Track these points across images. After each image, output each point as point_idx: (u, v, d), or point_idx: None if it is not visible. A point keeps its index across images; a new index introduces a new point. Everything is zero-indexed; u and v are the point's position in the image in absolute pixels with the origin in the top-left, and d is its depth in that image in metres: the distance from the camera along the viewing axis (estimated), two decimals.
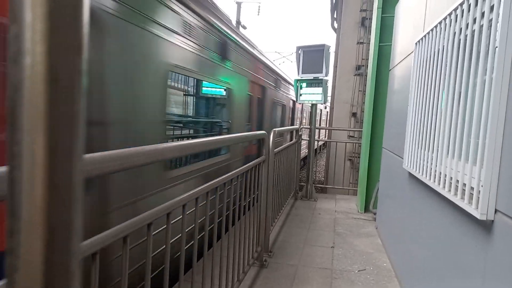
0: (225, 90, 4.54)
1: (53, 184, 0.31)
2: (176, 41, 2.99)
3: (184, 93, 3.53)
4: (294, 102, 10.56)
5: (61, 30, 0.30)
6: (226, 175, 2.25)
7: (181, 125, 3.53)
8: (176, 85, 3.25)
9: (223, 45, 4.28)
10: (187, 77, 3.45)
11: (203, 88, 4.04)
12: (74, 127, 0.31)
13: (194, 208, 1.80)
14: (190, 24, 3.25)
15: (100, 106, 2.17)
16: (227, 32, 4.34)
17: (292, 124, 10.71)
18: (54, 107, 0.30)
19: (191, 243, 1.91)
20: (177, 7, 2.98)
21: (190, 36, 3.26)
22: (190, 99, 3.70)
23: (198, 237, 1.89)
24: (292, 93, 9.86)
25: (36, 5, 0.29)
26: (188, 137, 3.73)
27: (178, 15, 3.01)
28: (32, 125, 0.29)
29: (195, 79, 3.65)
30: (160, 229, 1.92)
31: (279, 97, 8.15)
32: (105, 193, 2.26)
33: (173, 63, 2.96)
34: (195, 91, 3.78)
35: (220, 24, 4.09)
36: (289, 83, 9.46)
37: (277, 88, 7.97)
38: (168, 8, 2.84)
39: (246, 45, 5.27)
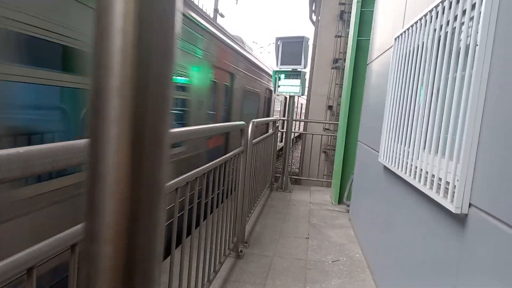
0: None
1: (138, 182, 0.27)
2: None
3: None
4: (271, 91, 10.52)
5: (154, 7, 0.26)
6: (206, 165, 2.22)
7: None
8: None
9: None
10: None
11: None
12: (163, 119, 0.28)
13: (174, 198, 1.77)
14: None
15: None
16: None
17: (268, 115, 10.68)
18: (144, 94, 0.27)
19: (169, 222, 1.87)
20: None
21: None
22: None
23: (176, 226, 1.85)
24: (267, 82, 9.82)
25: (128, 14, 0.25)
26: None
27: None
28: (119, 114, 0.26)
29: None
30: None
31: (252, 86, 8.08)
32: None
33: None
34: None
35: None
36: (265, 72, 9.40)
37: (250, 76, 7.90)
38: None
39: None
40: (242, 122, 3.13)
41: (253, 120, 3.51)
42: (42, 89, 2.08)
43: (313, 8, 11.19)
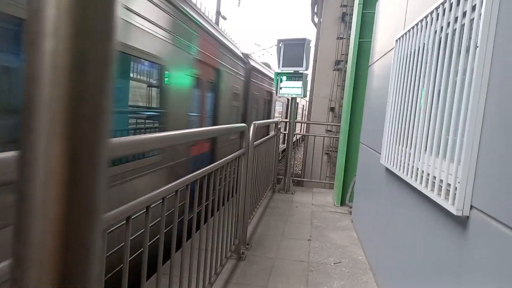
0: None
1: (71, 201, 0.26)
2: None
3: None
4: (271, 94, 10.48)
5: (90, 9, 0.25)
6: (206, 168, 2.22)
7: None
8: None
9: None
10: None
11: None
12: (100, 130, 0.26)
13: (174, 201, 1.77)
14: None
15: None
16: None
17: (268, 118, 10.63)
18: (79, 104, 0.25)
19: (167, 230, 1.88)
20: None
21: None
22: None
23: (176, 230, 1.86)
24: (267, 84, 9.81)
25: (62, 14, 0.24)
26: None
27: None
28: (50, 126, 0.24)
29: None
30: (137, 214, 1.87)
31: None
32: None
33: None
34: None
35: None
36: (264, 74, 9.39)
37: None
38: None
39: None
40: (243, 124, 3.14)
41: (254, 122, 3.52)
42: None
43: (315, 10, 11.20)
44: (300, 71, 5.94)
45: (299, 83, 5.98)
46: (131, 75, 3.18)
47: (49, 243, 0.25)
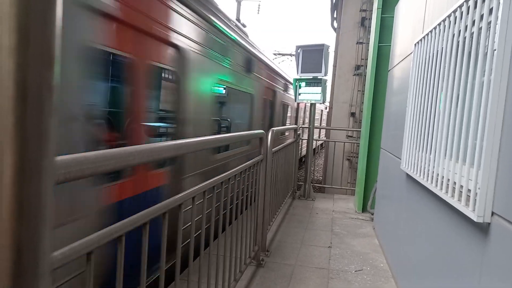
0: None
1: (20, 206, 0.28)
2: None
3: None
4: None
5: (31, 44, 0.27)
6: (224, 174, 2.24)
7: None
8: None
9: None
10: None
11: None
12: (44, 144, 0.29)
13: (191, 207, 1.80)
14: None
15: None
16: None
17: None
18: (23, 125, 0.28)
19: (188, 241, 1.90)
20: None
21: None
22: None
23: (195, 236, 1.88)
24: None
25: (3, 20, 0.26)
26: None
27: None
28: None
29: None
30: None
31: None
32: None
33: None
34: None
35: None
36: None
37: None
38: None
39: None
40: (261, 131, 3.15)
41: (273, 128, 3.53)
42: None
43: (335, 15, 11.17)
44: (319, 77, 5.93)
45: (318, 89, 5.96)
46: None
47: (1, 240, 0.28)
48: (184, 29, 3.15)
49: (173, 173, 3.12)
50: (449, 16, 2.07)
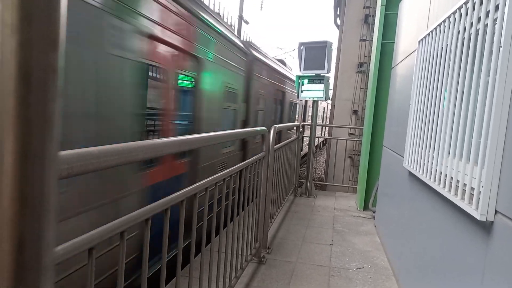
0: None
1: (23, 195, 0.27)
2: None
3: None
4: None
5: (34, 22, 0.26)
6: (225, 171, 2.24)
7: None
8: None
9: None
10: None
11: None
12: (47, 130, 0.28)
13: (193, 203, 1.79)
14: None
15: None
16: None
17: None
18: (26, 108, 0.26)
19: (189, 241, 1.90)
20: None
21: None
22: None
23: (196, 233, 1.88)
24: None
25: None
26: None
27: None
28: (0, 128, 0.26)
29: None
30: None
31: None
32: None
33: None
34: None
35: None
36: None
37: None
38: None
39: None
40: (263, 128, 3.14)
41: (275, 125, 3.52)
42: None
43: (338, 12, 11.11)
44: (321, 74, 5.90)
45: (320, 86, 5.94)
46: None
47: (2, 231, 0.27)
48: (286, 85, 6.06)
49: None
50: (454, 13, 2.05)
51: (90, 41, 2.14)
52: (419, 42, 2.84)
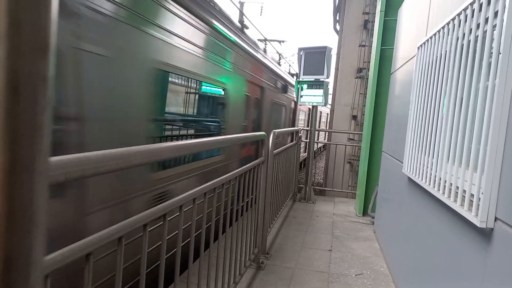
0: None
1: (11, 209, 0.26)
2: None
3: None
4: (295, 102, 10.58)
5: (23, 29, 0.25)
6: (224, 176, 2.23)
7: None
8: None
9: None
10: None
11: None
12: (37, 141, 0.26)
13: (191, 208, 1.78)
14: None
15: None
16: None
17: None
18: (14, 119, 0.25)
19: (187, 240, 1.89)
20: None
21: None
22: None
23: (194, 238, 1.87)
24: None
25: None
26: None
27: None
28: None
29: None
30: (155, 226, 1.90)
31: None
32: None
33: None
34: None
35: None
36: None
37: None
38: None
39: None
40: (263, 133, 3.14)
41: (274, 130, 3.51)
42: None
43: (337, 18, 11.16)
44: (321, 79, 5.91)
45: (320, 91, 5.94)
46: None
47: None
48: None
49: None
50: (453, 19, 2.05)
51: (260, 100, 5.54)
52: (418, 47, 2.84)
